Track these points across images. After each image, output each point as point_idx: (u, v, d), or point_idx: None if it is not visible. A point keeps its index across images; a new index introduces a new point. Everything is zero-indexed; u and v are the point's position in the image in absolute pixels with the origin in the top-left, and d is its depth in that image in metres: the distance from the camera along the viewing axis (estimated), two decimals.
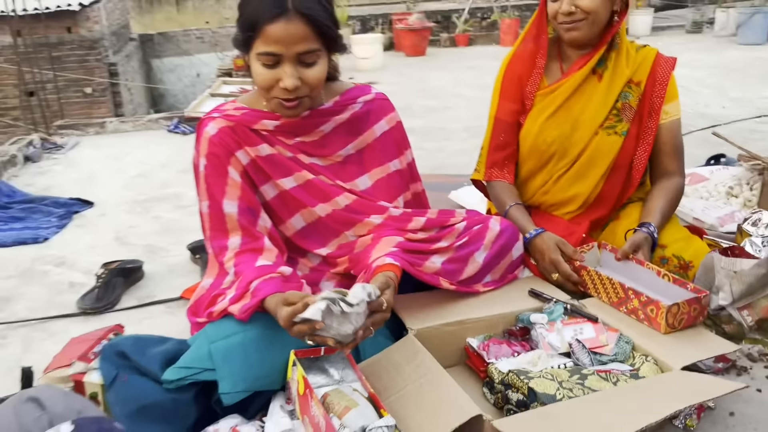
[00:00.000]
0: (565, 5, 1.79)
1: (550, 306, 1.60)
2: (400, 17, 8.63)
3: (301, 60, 1.41)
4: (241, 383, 1.31)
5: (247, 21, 1.42)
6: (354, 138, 1.63)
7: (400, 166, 1.70)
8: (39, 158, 3.89)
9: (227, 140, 1.51)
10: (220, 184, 1.50)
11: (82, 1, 10.38)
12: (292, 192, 1.56)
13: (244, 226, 1.50)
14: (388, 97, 1.72)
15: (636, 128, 1.91)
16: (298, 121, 1.56)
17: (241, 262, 1.47)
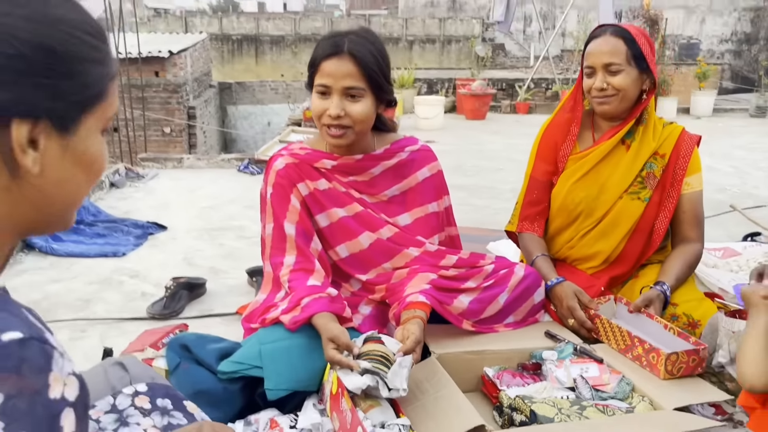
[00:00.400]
0: (598, 82, 2.02)
1: (561, 345, 1.78)
2: (463, 82, 9.01)
3: (348, 93, 1.68)
4: (284, 383, 1.53)
5: (311, 60, 1.73)
6: (399, 181, 1.88)
7: (437, 208, 1.93)
8: (122, 185, 4.32)
9: (291, 174, 1.79)
10: (283, 209, 1.77)
11: (172, 48, 11.20)
12: (342, 221, 1.82)
13: (300, 247, 1.75)
14: (431, 149, 1.97)
15: (658, 196, 2.09)
16: (352, 162, 1.82)
17: (295, 278, 1.72)
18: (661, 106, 8.69)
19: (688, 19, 21.56)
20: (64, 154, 0.68)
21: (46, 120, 0.65)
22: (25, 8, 0.64)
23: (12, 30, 0.62)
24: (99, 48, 0.70)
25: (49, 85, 0.65)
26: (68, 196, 0.71)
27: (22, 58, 0.62)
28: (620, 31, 2.02)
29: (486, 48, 18.73)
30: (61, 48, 0.66)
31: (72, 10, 0.68)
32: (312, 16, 23.98)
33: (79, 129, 0.69)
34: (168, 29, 20.04)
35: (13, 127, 0.63)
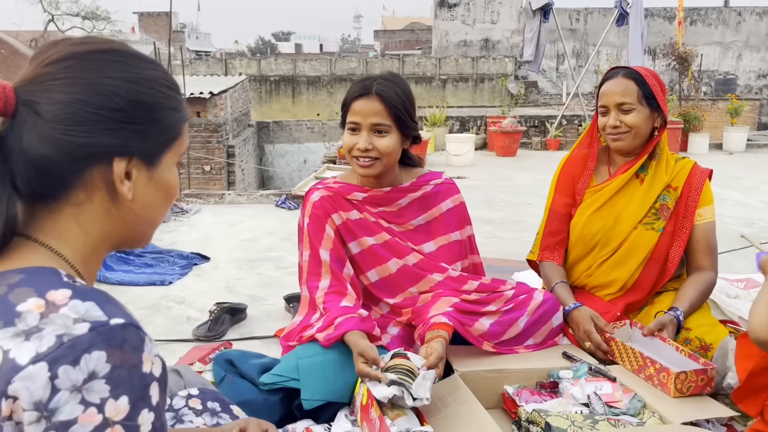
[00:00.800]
0: (612, 120, 2.17)
1: (577, 365, 1.89)
2: (494, 120, 9.21)
3: (375, 129, 1.87)
4: (318, 394, 1.68)
5: (344, 101, 1.93)
6: (425, 211, 2.05)
7: (460, 237, 2.08)
8: (168, 219, 4.58)
9: (326, 205, 1.98)
10: (319, 237, 1.95)
11: (213, 90, 11.66)
12: (372, 248, 1.98)
13: (334, 271, 1.92)
14: (455, 183, 2.14)
15: (672, 226, 2.20)
16: (381, 195, 2.00)
17: (329, 300, 1.89)
18: (692, 142, 8.74)
19: (724, 55, 21.52)
20: (150, 182, 0.87)
21: (137, 157, 0.84)
22: (123, 72, 0.83)
23: (115, 89, 0.81)
24: (175, 98, 0.89)
25: (141, 131, 0.83)
26: (152, 216, 0.90)
27: (122, 111, 0.81)
28: (632, 72, 2.17)
29: (518, 86, 18.98)
30: (150, 100, 0.84)
31: (156, 69, 0.88)
32: (347, 57, 24.64)
33: (161, 163, 0.88)
34: (209, 71, 20.85)
35: (114, 164, 0.82)
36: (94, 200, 0.83)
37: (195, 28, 52.76)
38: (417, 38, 43.77)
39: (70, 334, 0.69)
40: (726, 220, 4.66)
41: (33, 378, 0.67)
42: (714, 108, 12.26)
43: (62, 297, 0.73)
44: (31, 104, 0.78)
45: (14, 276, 0.76)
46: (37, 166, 0.78)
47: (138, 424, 0.71)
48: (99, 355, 0.69)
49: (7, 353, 0.68)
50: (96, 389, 0.69)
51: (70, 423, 0.67)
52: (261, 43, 78.44)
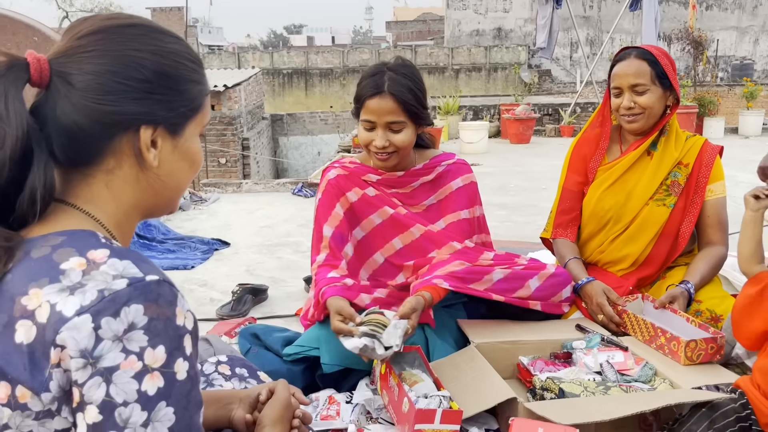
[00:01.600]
0: (626, 101, 2.20)
1: (589, 336, 1.95)
2: (507, 107, 9.22)
3: (390, 127, 1.91)
4: (336, 359, 1.76)
5: (357, 96, 1.95)
6: (435, 191, 2.09)
7: (469, 215, 2.11)
8: (188, 208, 4.69)
9: (341, 183, 2.03)
10: (326, 213, 2.00)
11: (227, 83, 11.73)
12: (394, 217, 2.02)
13: (332, 247, 1.97)
14: (467, 163, 2.18)
15: (683, 202, 2.24)
16: (395, 178, 2.05)
17: (320, 272, 1.94)
18: (708, 126, 8.70)
19: (741, 40, 21.26)
20: (174, 151, 0.92)
21: (162, 126, 0.89)
22: (149, 45, 0.88)
23: (141, 61, 0.87)
24: (198, 71, 0.94)
25: (165, 101, 0.88)
26: (177, 183, 0.95)
27: (147, 81, 0.87)
28: (644, 53, 2.19)
29: (532, 74, 18.90)
30: (173, 72, 0.90)
31: (179, 43, 0.93)
32: (359, 49, 24.65)
33: (185, 132, 0.93)
34: (222, 65, 20.98)
35: (141, 131, 0.87)
36: (123, 167, 0.88)
37: (207, 23, 52.97)
38: (429, 28, 43.60)
39: (110, 288, 0.75)
40: (741, 202, 4.65)
41: (78, 328, 0.73)
42: (731, 93, 12.16)
43: (101, 256, 0.79)
44: (64, 75, 0.84)
45: (56, 238, 0.81)
46: (71, 133, 0.84)
47: (174, 371, 0.77)
48: (137, 308, 0.75)
49: (54, 306, 0.74)
50: (135, 339, 0.74)
51: (113, 369, 0.73)
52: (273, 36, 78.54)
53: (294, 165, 15.65)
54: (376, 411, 1.71)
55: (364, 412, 1.71)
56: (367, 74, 1.95)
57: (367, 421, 1.70)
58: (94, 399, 0.73)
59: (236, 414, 1.19)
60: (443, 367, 1.82)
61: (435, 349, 1.90)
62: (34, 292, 0.76)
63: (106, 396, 0.73)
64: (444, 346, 1.92)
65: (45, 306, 0.75)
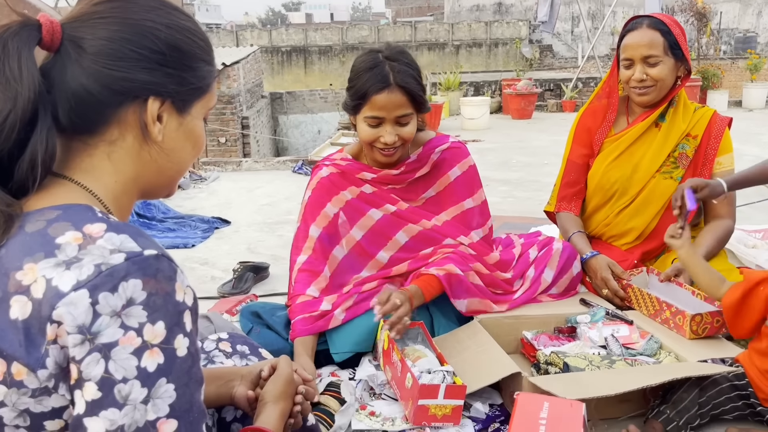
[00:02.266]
0: (637, 73, 2.13)
1: (594, 310, 1.93)
2: (509, 83, 9.13)
3: (398, 121, 1.79)
4: (347, 346, 1.76)
5: (358, 91, 1.77)
6: (433, 182, 1.98)
7: (473, 204, 2.02)
8: (188, 186, 4.65)
9: (335, 181, 1.93)
10: (314, 213, 1.92)
11: (225, 61, 11.63)
12: (391, 217, 1.95)
13: (316, 249, 1.90)
14: (463, 145, 2.06)
15: (690, 175, 2.20)
16: (390, 176, 1.94)
17: (299, 280, 1.88)
18: (711, 99, 8.62)
19: (744, 12, 20.99)
20: (179, 128, 0.91)
21: (169, 101, 0.88)
22: (164, 18, 0.87)
23: (155, 32, 0.85)
24: (208, 52, 0.93)
25: (176, 75, 0.87)
26: (179, 162, 0.93)
27: (160, 53, 0.85)
28: (656, 22, 2.11)
29: (533, 49, 18.71)
30: (186, 48, 0.89)
31: (192, 22, 0.92)
32: (359, 25, 24.39)
33: (191, 111, 0.91)
34: (220, 43, 20.76)
35: (149, 103, 0.85)
36: (126, 138, 0.87)
37: (205, 1, 52.38)
38: (429, 4, 43.10)
39: (107, 263, 0.73)
40: None
41: (75, 303, 0.71)
42: (734, 66, 12.03)
43: (98, 230, 0.77)
44: (77, 39, 0.82)
45: (52, 212, 0.79)
46: (77, 97, 0.82)
47: (174, 347, 0.75)
48: (135, 282, 0.73)
49: (50, 281, 0.72)
50: (134, 314, 0.72)
51: (111, 345, 0.71)
52: (271, 13, 77.76)
53: (294, 143, 15.58)
54: (379, 387, 1.70)
55: (368, 388, 1.70)
56: (364, 67, 1.79)
57: (371, 397, 1.68)
58: (93, 375, 0.71)
59: (238, 391, 1.18)
60: (446, 342, 1.80)
61: (439, 326, 1.88)
62: (29, 267, 0.74)
63: (105, 372, 0.71)
64: (447, 323, 1.90)
65: (41, 281, 0.73)
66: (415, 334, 1.81)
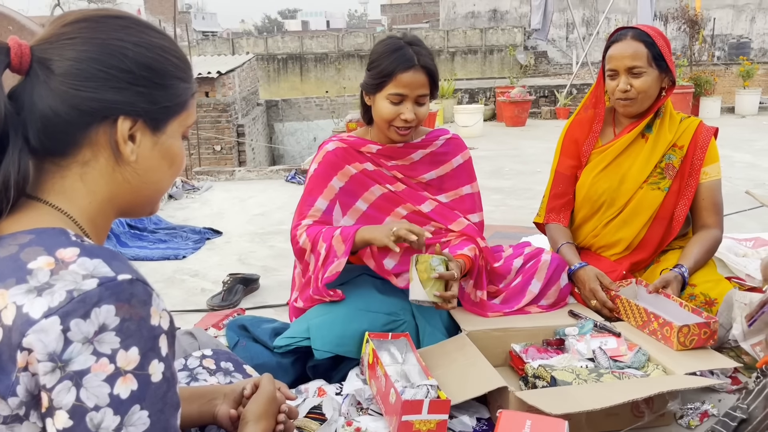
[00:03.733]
0: (621, 84, 2.15)
1: (582, 322, 1.93)
2: (503, 90, 9.15)
3: (417, 101, 1.91)
4: (328, 345, 1.74)
5: (383, 71, 1.88)
6: (436, 167, 2.08)
7: (471, 190, 2.12)
8: (180, 196, 4.64)
9: (340, 155, 2.00)
10: (321, 186, 1.97)
11: (221, 69, 11.65)
12: (391, 194, 2.01)
13: (324, 218, 1.96)
14: (461, 138, 2.18)
15: (677, 185, 2.21)
16: (394, 149, 2.03)
17: (311, 230, 1.91)
18: (704, 106, 8.65)
19: (737, 18, 21.10)
20: (154, 148, 0.89)
21: (142, 120, 0.87)
22: (134, 36, 0.87)
23: (124, 51, 0.85)
24: (184, 69, 0.92)
25: (147, 93, 0.86)
26: (156, 183, 0.92)
27: (129, 71, 0.85)
28: (641, 34, 2.13)
29: (528, 56, 18.77)
30: (157, 66, 0.88)
31: (165, 40, 0.91)
32: (354, 33, 24.44)
33: (167, 130, 0.90)
34: (216, 51, 20.79)
35: (119, 122, 0.85)
36: (99, 159, 0.86)
37: (201, 9, 52.51)
38: (424, 11, 43.26)
39: (79, 289, 0.72)
40: (736, 182, 4.64)
41: (46, 331, 0.70)
42: (727, 72, 12.08)
43: (71, 255, 0.76)
44: (45, 61, 0.82)
45: (24, 237, 0.79)
46: (46, 119, 0.82)
47: (149, 373, 0.74)
48: (108, 308, 0.72)
49: (21, 308, 0.72)
50: (107, 341, 0.72)
51: (83, 372, 0.71)
52: (267, 21, 77.94)
53: (290, 151, 15.59)
54: (366, 401, 1.69)
55: (355, 403, 1.69)
56: (388, 49, 1.90)
57: (358, 412, 1.67)
58: (64, 404, 0.71)
59: (220, 409, 1.17)
60: (433, 353, 1.80)
61: (425, 337, 1.88)
62: (0, 292, 0.73)
63: (76, 401, 0.71)
64: (434, 333, 1.90)
65: (11, 307, 0.72)
66: (400, 345, 1.80)
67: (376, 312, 1.84)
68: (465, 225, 2.04)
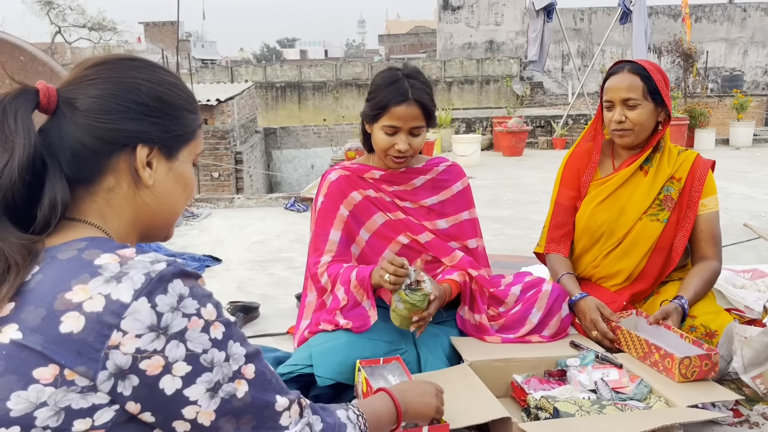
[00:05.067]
0: (617, 115, 2.20)
1: (584, 353, 1.93)
2: (500, 120, 9.24)
3: (411, 132, 1.95)
4: (330, 372, 1.75)
5: (379, 103, 1.94)
6: (437, 192, 2.12)
7: (469, 216, 2.15)
8: (179, 224, 4.65)
9: (344, 184, 2.04)
10: (331, 217, 2.01)
11: (220, 97, 11.75)
12: (392, 222, 2.04)
13: (340, 251, 2.00)
14: (460, 165, 2.23)
15: (676, 217, 2.23)
16: (396, 174, 2.07)
17: (332, 270, 1.95)
18: (699, 138, 8.74)
19: (730, 51, 21.44)
20: (169, 173, 1.01)
21: (158, 148, 0.99)
22: (147, 74, 0.99)
23: (139, 86, 0.97)
24: (191, 102, 1.05)
25: (161, 124, 0.98)
26: (172, 205, 1.04)
27: (144, 104, 0.97)
28: (637, 68, 2.20)
29: (524, 86, 18.99)
30: (169, 99, 1.00)
31: (174, 77, 1.04)
32: (352, 62, 24.71)
33: (179, 156, 1.02)
34: (215, 79, 20.98)
35: (138, 150, 0.96)
36: (122, 185, 0.97)
37: (200, 37, 53.11)
38: (421, 41, 43.86)
39: (154, 270, 0.85)
40: (733, 214, 4.68)
41: (139, 311, 0.82)
42: (721, 104, 12.25)
43: (130, 252, 0.88)
44: (70, 100, 0.94)
45: (79, 243, 0.89)
46: (74, 150, 0.93)
47: (226, 317, 0.91)
48: (178, 282, 0.86)
49: (109, 296, 0.82)
50: (189, 305, 0.86)
51: (183, 331, 0.85)
52: (266, 50, 78.79)
53: (287, 178, 15.64)
54: None
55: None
56: (385, 81, 1.96)
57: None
58: (179, 356, 0.84)
59: None
60: (434, 378, 1.79)
61: (427, 366, 1.88)
62: (79, 287, 0.83)
63: (187, 351, 0.85)
64: (436, 363, 1.90)
65: (97, 298, 0.82)
66: (394, 368, 1.80)
67: (377, 340, 1.85)
68: (459, 259, 2.07)
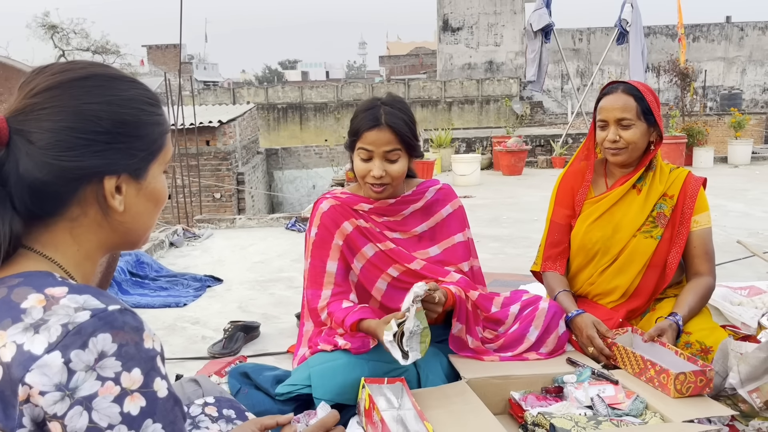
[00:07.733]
0: (611, 134, 2.24)
1: (580, 370, 1.95)
2: (499, 140, 9.30)
3: (387, 157, 1.97)
4: (328, 394, 1.77)
5: (353, 129, 2.00)
6: (427, 218, 2.13)
7: (463, 238, 2.16)
8: (181, 244, 4.69)
9: (335, 214, 2.06)
10: (326, 247, 2.03)
11: (222, 118, 11.83)
12: (382, 254, 2.05)
13: (338, 282, 2.00)
14: (451, 187, 2.24)
15: (669, 233, 2.26)
16: (386, 206, 2.09)
17: (332, 304, 1.97)
18: (697, 156, 8.79)
19: (728, 70, 21.61)
20: (139, 194, 0.93)
21: (125, 173, 0.90)
22: (105, 96, 0.89)
23: (97, 113, 0.87)
24: (156, 112, 0.95)
25: (126, 149, 0.90)
26: (144, 223, 0.96)
27: (107, 133, 0.87)
28: (630, 88, 2.24)
29: (524, 106, 19.12)
30: (132, 120, 0.90)
31: (135, 87, 0.93)
32: (353, 83, 24.92)
33: (148, 174, 0.94)
34: (217, 101, 21.16)
35: (105, 182, 0.88)
36: (88, 214, 0.89)
37: (203, 59, 53.57)
38: (422, 62, 44.23)
39: (73, 322, 0.76)
40: (730, 231, 4.71)
41: (49, 365, 0.74)
42: (719, 123, 12.32)
43: (60, 291, 0.80)
44: (24, 133, 0.84)
45: (13, 280, 0.82)
46: (33, 189, 0.84)
47: (155, 390, 0.78)
48: (104, 336, 0.76)
49: (21, 346, 0.75)
50: (108, 366, 0.75)
51: (92, 396, 0.74)
52: (268, 71, 79.42)
53: (289, 199, 15.70)
54: None
55: None
56: (362, 109, 2.02)
57: None
58: (78, 427, 0.74)
59: None
60: (431, 395, 1.82)
61: (426, 384, 1.90)
62: None
63: (89, 422, 0.74)
64: (435, 382, 1.92)
65: (10, 346, 0.76)
66: (397, 389, 1.82)
67: (377, 360, 1.87)
68: (456, 279, 2.07)
